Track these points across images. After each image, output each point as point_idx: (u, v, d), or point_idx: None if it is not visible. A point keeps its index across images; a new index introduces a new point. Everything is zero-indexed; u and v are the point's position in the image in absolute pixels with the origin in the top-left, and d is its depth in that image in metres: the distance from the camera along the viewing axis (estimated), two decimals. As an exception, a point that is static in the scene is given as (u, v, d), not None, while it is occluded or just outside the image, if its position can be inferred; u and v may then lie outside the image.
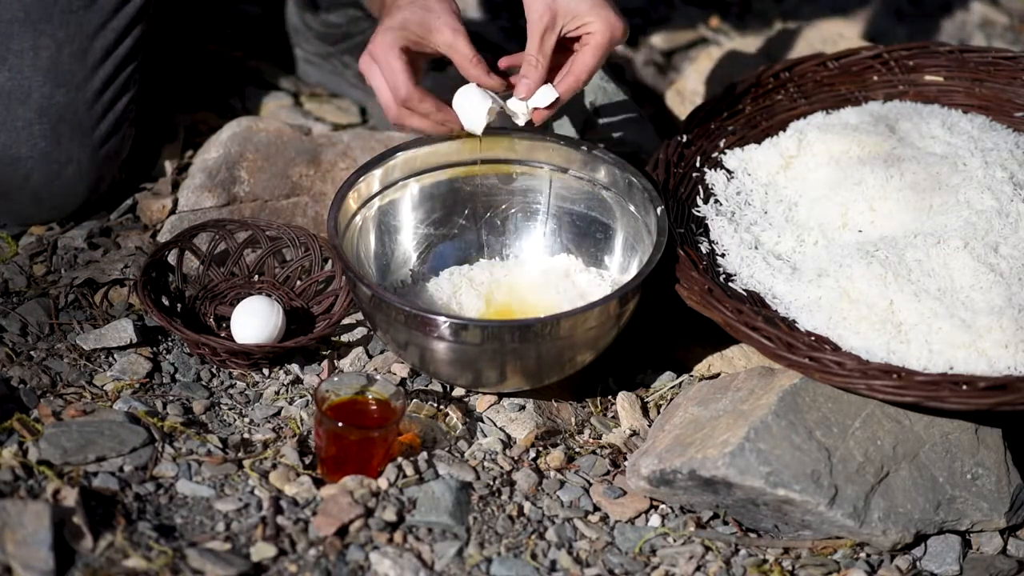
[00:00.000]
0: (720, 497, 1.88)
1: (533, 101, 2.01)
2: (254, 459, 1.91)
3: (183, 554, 1.77)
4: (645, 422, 2.03)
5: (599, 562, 1.85)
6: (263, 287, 2.14)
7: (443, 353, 1.93)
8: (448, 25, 1.95)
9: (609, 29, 1.97)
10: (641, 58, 2.74)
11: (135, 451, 1.89)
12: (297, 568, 1.79)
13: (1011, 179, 2.06)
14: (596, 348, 1.97)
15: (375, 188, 2.09)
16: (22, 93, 2.14)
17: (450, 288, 2.09)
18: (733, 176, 2.16)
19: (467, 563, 1.83)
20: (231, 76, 2.54)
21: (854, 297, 1.94)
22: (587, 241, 2.13)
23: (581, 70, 1.99)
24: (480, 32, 2.69)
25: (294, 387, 2.04)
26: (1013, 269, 1.96)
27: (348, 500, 1.85)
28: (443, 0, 1.97)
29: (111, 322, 2.08)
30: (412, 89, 1.97)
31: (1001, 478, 1.89)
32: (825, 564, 1.87)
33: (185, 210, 2.23)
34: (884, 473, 1.86)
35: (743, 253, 2.04)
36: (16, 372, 1.99)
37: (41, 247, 2.18)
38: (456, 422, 1.99)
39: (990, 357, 1.88)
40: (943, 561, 1.88)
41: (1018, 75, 2.27)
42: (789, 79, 2.28)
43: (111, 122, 2.20)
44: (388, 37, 1.96)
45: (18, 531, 1.72)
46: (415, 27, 1.96)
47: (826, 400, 1.89)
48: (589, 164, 2.11)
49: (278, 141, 2.29)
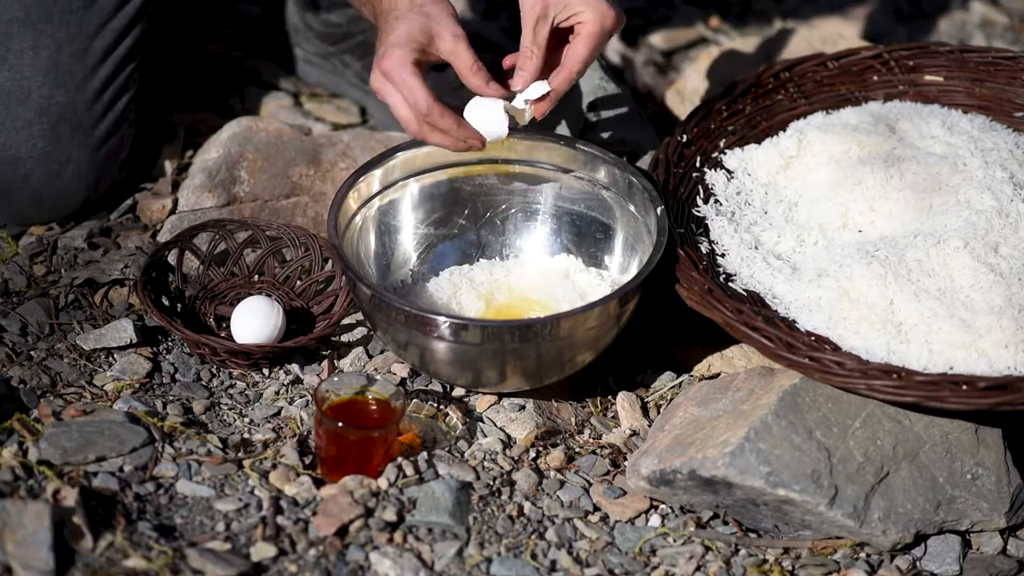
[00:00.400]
0: (720, 497, 1.88)
1: (527, 93, 2.00)
2: (254, 459, 1.91)
3: (183, 554, 1.77)
4: (645, 422, 2.03)
5: (599, 562, 1.85)
6: (263, 287, 2.14)
7: (443, 353, 1.93)
8: (449, 30, 1.94)
9: (600, 18, 1.96)
10: (641, 58, 2.74)
11: (135, 451, 1.89)
12: (297, 568, 1.79)
13: (1011, 179, 2.06)
14: (596, 348, 1.97)
15: (375, 188, 2.09)
16: (22, 93, 2.14)
17: (450, 288, 2.09)
18: (733, 176, 2.16)
19: (467, 563, 1.83)
20: (231, 76, 2.54)
21: (854, 297, 1.94)
22: (587, 241, 2.13)
23: (574, 61, 1.98)
24: (480, 32, 2.69)
25: (294, 387, 2.04)
26: (1013, 269, 1.96)
27: (348, 500, 1.85)
28: (440, 3, 1.96)
29: (111, 322, 2.08)
30: (433, 104, 1.93)
31: (1001, 478, 1.89)
32: (825, 564, 1.87)
33: (185, 210, 2.23)
34: (884, 473, 1.86)
35: (743, 253, 2.04)
36: (16, 372, 1.99)
37: (41, 247, 2.18)
38: (456, 422, 1.99)
39: (990, 357, 1.88)
40: (943, 561, 1.88)
41: (1018, 75, 2.27)
42: (789, 79, 2.28)
43: (111, 122, 2.20)
44: (398, 53, 1.92)
45: (18, 531, 1.72)
46: (420, 36, 1.93)
47: (826, 400, 1.89)
48: (589, 164, 2.11)
49: (278, 141, 2.29)
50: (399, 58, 1.92)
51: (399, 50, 1.92)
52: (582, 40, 1.97)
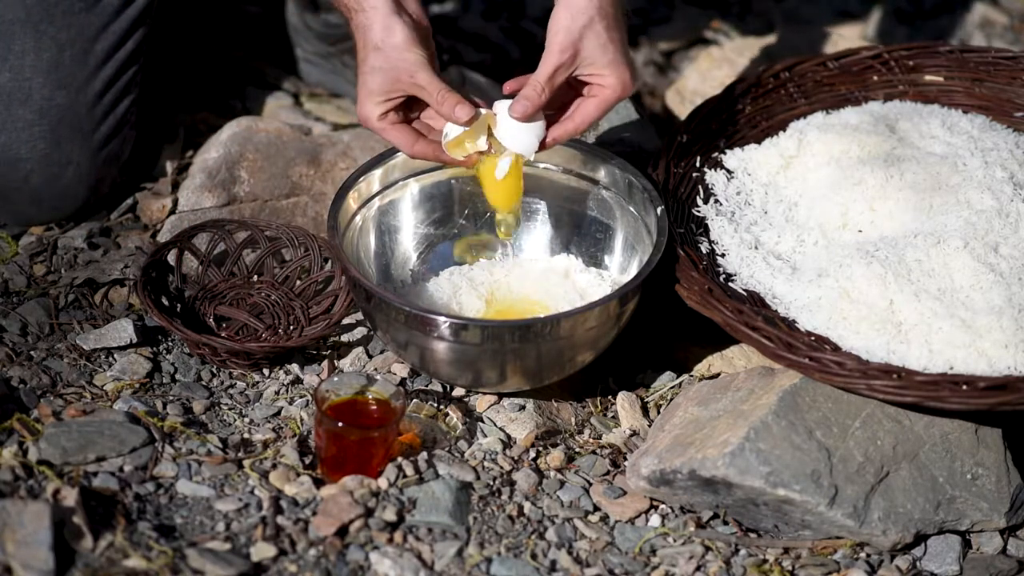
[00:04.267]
0: (720, 497, 1.88)
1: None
2: (254, 459, 1.91)
3: (183, 554, 1.77)
4: (645, 422, 2.03)
5: (599, 562, 1.85)
6: (262, 287, 2.15)
7: (443, 353, 1.93)
8: (407, 72, 1.93)
9: (621, 88, 1.94)
10: (641, 58, 2.74)
11: (135, 451, 1.89)
12: (297, 568, 1.79)
13: (1011, 179, 2.06)
14: (596, 348, 1.97)
15: (375, 188, 2.09)
16: (23, 94, 2.14)
17: (450, 288, 2.09)
18: (733, 176, 2.16)
19: (467, 563, 1.83)
20: (231, 76, 2.54)
21: (854, 297, 1.94)
22: (587, 241, 2.13)
23: (582, 120, 1.97)
24: (480, 32, 2.69)
25: (294, 387, 2.04)
26: (1013, 269, 1.96)
27: (348, 500, 1.85)
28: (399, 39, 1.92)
29: (111, 322, 2.08)
30: (416, 151, 1.97)
31: (1001, 478, 1.89)
32: (825, 564, 1.87)
33: (185, 210, 2.24)
34: (884, 473, 1.86)
35: (743, 253, 2.04)
36: (16, 372, 1.99)
37: (41, 247, 2.19)
38: (456, 422, 1.99)
39: (990, 357, 1.88)
40: (943, 561, 1.88)
41: (1018, 75, 2.27)
42: (789, 79, 2.28)
43: (112, 124, 2.20)
44: (367, 108, 1.95)
45: (18, 531, 1.72)
46: (390, 85, 1.93)
47: (826, 400, 1.89)
48: (589, 164, 2.11)
49: (278, 141, 2.29)
50: (369, 113, 1.95)
51: (368, 104, 1.95)
52: (596, 104, 1.96)
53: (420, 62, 1.92)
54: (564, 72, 1.94)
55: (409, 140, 1.97)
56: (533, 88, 1.94)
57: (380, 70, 1.93)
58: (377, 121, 1.95)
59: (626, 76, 1.95)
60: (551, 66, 1.93)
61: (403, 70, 1.92)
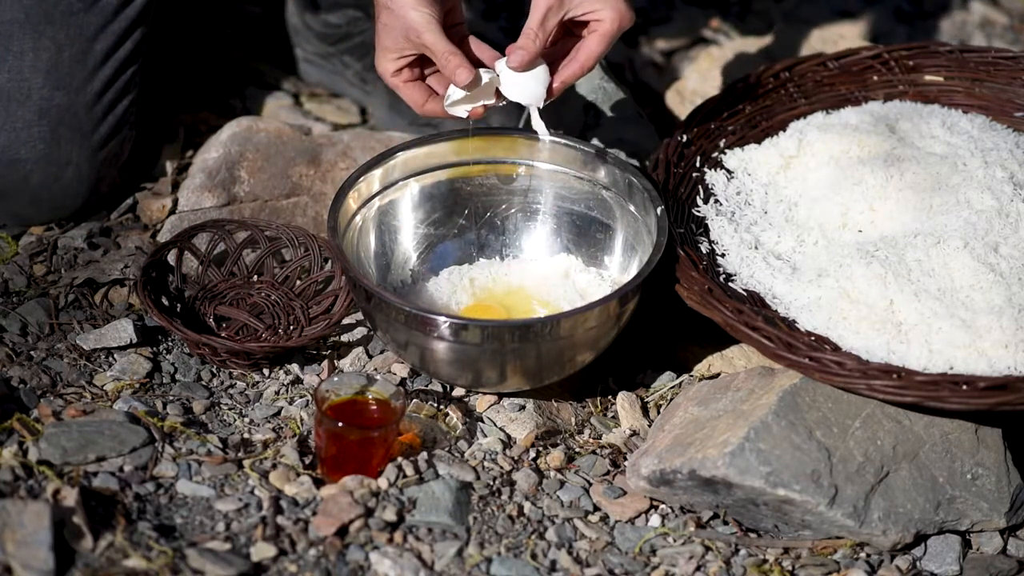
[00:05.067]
0: (720, 497, 1.88)
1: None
2: (254, 459, 1.91)
3: (183, 554, 1.77)
4: (645, 422, 2.03)
5: (599, 562, 1.85)
6: (262, 287, 2.15)
7: (443, 353, 1.93)
8: (414, 31, 1.95)
9: (619, 17, 1.94)
10: (641, 58, 2.74)
11: (135, 451, 1.89)
12: (297, 568, 1.79)
13: (1011, 179, 2.06)
14: (596, 348, 1.97)
15: (375, 188, 2.09)
16: (22, 94, 2.14)
17: (450, 288, 2.09)
18: (733, 176, 2.16)
19: (467, 563, 1.83)
20: (231, 76, 2.54)
21: (854, 297, 1.94)
22: (587, 241, 2.13)
23: (586, 57, 1.97)
24: (480, 32, 2.69)
25: (294, 387, 2.04)
26: (1013, 269, 1.96)
27: (348, 500, 1.85)
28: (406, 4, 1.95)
29: (111, 322, 2.08)
30: (426, 110, 2.00)
31: (1001, 478, 1.89)
32: (825, 564, 1.87)
33: (185, 210, 2.23)
34: (884, 473, 1.86)
35: (743, 253, 2.04)
36: (16, 372, 1.99)
37: (41, 247, 2.18)
38: (456, 422, 1.99)
39: (990, 357, 1.88)
40: (943, 561, 1.88)
41: (1018, 75, 2.27)
42: (789, 79, 2.28)
43: (111, 125, 2.20)
44: (382, 64, 1.99)
45: (18, 531, 1.72)
46: (401, 43, 1.96)
47: (826, 400, 1.89)
48: (589, 164, 2.11)
49: (278, 141, 2.29)
50: (384, 69, 1.99)
51: (383, 60, 1.99)
52: (597, 38, 1.96)
53: (426, 21, 1.94)
54: (555, 15, 1.94)
55: (420, 99, 2.00)
56: (526, 36, 1.95)
57: (390, 28, 1.96)
58: (392, 77, 1.99)
59: (621, 5, 1.95)
60: (541, 10, 1.94)
61: (410, 28, 1.94)
